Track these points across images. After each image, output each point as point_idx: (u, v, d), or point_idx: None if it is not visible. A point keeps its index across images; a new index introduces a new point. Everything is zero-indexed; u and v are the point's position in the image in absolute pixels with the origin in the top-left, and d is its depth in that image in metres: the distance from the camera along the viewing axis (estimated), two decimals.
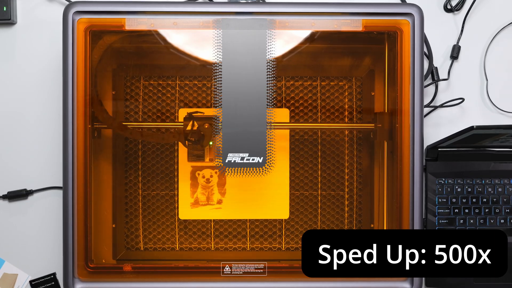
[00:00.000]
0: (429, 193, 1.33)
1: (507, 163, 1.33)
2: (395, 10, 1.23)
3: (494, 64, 1.39)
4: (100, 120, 1.27)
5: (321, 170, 1.37)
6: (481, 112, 1.39)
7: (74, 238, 1.22)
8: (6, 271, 1.35)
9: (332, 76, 1.37)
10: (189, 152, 1.33)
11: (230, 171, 1.25)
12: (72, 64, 1.21)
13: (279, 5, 1.25)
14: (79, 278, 1.23)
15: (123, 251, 1.36)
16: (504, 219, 1.32)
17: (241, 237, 1.37)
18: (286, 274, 1.26)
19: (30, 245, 1.36)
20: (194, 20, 1.24)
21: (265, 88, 1.23)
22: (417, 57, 1.23)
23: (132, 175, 1.36)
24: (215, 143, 1.26)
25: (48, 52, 1.37)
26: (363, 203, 1.37)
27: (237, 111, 1.23)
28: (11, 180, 1.36)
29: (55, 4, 1.38)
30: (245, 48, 1.23)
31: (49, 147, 1.35)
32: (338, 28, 1.24)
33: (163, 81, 1.36)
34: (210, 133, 1.28)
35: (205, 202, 1.35)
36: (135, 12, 1.23)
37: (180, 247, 1.36)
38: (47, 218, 1.36)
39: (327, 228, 1.37)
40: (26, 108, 1.37)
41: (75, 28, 1.21)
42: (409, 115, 1.23)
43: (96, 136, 1.28)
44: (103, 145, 1.32)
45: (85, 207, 1.23)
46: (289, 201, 1.36)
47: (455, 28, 1.40)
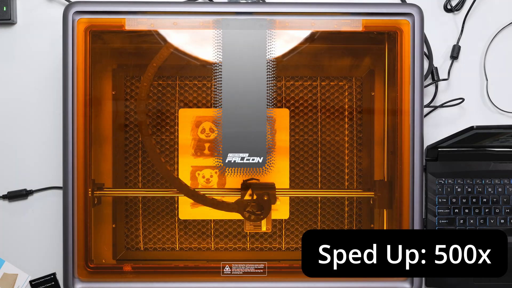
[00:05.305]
0: (429, 193, 1.33)
1: (507, 163, 1.33)
2: (395, 10, 1.23)
3: (494, 64, 1.39)
4: (164, 178, 1.31)
5: (321, 170, 1.37)
6: (481, 112, 1.39)
7: (74, 238, 1.22)
8: (6, 271, 1.35)
9: (332, 76, 1.37)
10: (246, 221, 1.33)
11: (230, 171, 1.25)
12: (72, 64, 1.21)
13: (279, 5, 1.25)
14: (79, 278, 1.23)
15: (123, 251, 1.36)
16: (504, 219, 1.32)
17: (241, 237, 1.37)
18: (286, 274, 1.26)
19: (30, 245, 1.36)
20: (194, 20, 1.24)
21: (265, 88, 1.23)
22: (417, 57, 1.23)
23: (132, 175, 1.36)
24: (215, 143, 1.26)
25: (48, 52, 1.37)
26: (363, 203, 1.37)
27: (237, 111, 1.23)
28: (11, 180, 1.36)
29: (55, 4, 1.38)
30: (245, 48, 1.23)
31: (49, 147, 1.35)
32: (338, 28, 1.24)
33: (163, 81, 1.36)
34: (269, 205, 1.28)
35: None
36: (135, 12, 1.23)
37: (180, 247, 1.36)
38: (47, 218, 1.36)
39: (327, 228, 1.37)
40: (26, 108, 1.37)
41: (75, 28, 1.21)
42: (409, 115, 1.23)
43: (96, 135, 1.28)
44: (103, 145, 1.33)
45: (85, 207, 1.23)
46: (289, 201, 1.36)
47: (455, 28, 1.40)
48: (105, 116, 1.33)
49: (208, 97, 1.35)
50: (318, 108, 1.36)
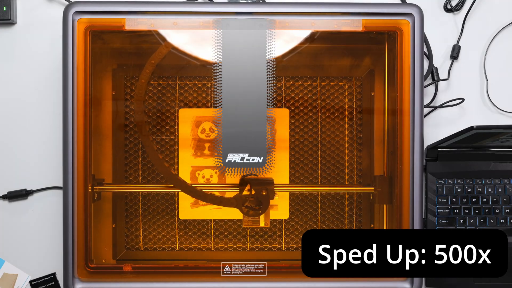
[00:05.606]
0: (429, 193, 1.33)
1: (507, 163, 1.33)
2: (395, 10, 1.23)
3: (494, 64, 1.39)
4: (162, 175, 1.31)
5: (321, 170, 1.37)
6: (481, 112, 1.39)
7: (74, 238, 1.22)
8: (6, 271, 1.35)
9: (332, 76, 1.37)
10: (245, 216, 1.32)
11: (230, 171, 1.25)
12: (72, 64, 1.21)
13: (279, 5, 1.25)
14: (79, 278, 1.23)
15: (123, 251, 1.36)
16: (504, 219, 1.32)
17: (241, 237, 1.37)
18: (286, 274, 1.26)
19: (30, 245, 1.36)
20: (194, 20, 1.24)
21: (265, 88, 1.23)
22: (417, 57, 1.23)
23: (132, 175, 1.36)
24: (215, 143, 1.26)
25: (48, 52, 1.37)
26: (363, 203, 1.37)
27: (237, 111, 1.23)
28: (11, 180, 1.36)
29: (55, 4, 1.38)
30: (245, 48, 1.23)
31: (49, 147, 1.35)
32: (338, 28, 1.24)
33: (163, 81, 1.36)
34: (267, 200, 1.28)
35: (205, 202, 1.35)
36: (135, 12, 1.23)
37: (180, 247, 1.36)
38: (47, 218, 1.36)
39: (327, 228, 1.37)
40: (26, 108, 1.37)
41: (75, 28, 1.21)
42: (409, 115, 1.23)
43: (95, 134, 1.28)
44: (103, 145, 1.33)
45: (85, 207, 1.23)
46: (289, 201, 1.36)
47: (455, 28, 1.40)
48: (105, 116, 1.33)
49: (208, 97, 1.35)
50: (318, 108, 1.36)
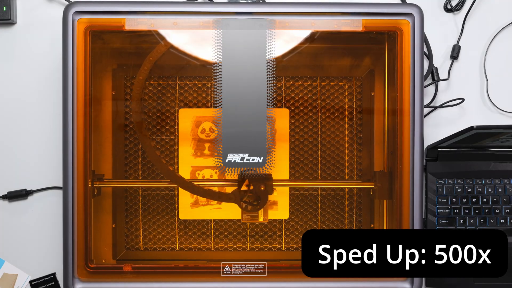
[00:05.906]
0: (429, 193, 1.33)
1: (507, 163, 1.33)
2: (395, 10, 1.23)
3: (494, 64, 1.39)
4: (160, 172, 1.30)
5: (321, 170, 1.37)
6: (481, 112, 1.39)
7: (74, 238, 1.22)
8: (6, 271, 1.35)
9: (332, 76, 1.37)
10: (243, 212, 1.32)
11: (230, 171, 1.25)
12: (72, 64, 1.21)
13: (279, 5, 1.25)
14: (79, 278, 1.23)
15: (123, 251, 1.36)
16: (504, 219, 1.32)
17: (241, 237, 1.37)
18: (286, 274, 1.26)
19: (30, 245, 1.36)
20: (194, 20, 1.24)
21: (265, 88, 1.23)
22: (417, 57, 1.23)
23: (132, 175, 1.36)
24: (215, 143, 1.26)
25: (48, 52, 1.37)
26: (363, 203, 1.37)
27: (237, 111, 1.23)
28: (11, 180, 1.36)
29: (55, 4, 1.38)
30: (245, 48, 1.23)
31: (49, 147, 1.35)
32: (338, 28, 1.24)
33: (163, 81, 1.36)
34: (266, 195, 1.28)
35: (205, 202, 1.35)
36: (135, 12, 1.23)
37: (180, 247, 1.36)
38: (47, 218, 1.36)
39: (327, 228, 1.37)
40: (26, 108, 1.37)
41: (75, 28, 1.21)
42: (409, 115, 1.23)
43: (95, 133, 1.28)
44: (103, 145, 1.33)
45: (85, 207, 1.23)
46: (289, 201, 1.36)
47: (455, 28, 1.40)
48: (105, 116, 1.33)
49: (208, 97, 1.35)
50: (318, 108, 1.36)
